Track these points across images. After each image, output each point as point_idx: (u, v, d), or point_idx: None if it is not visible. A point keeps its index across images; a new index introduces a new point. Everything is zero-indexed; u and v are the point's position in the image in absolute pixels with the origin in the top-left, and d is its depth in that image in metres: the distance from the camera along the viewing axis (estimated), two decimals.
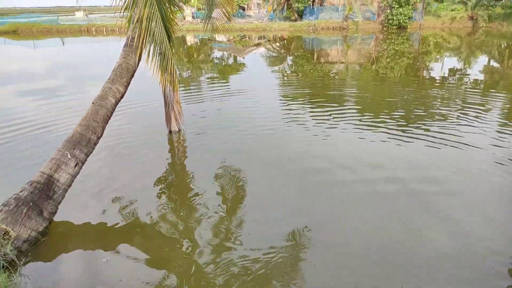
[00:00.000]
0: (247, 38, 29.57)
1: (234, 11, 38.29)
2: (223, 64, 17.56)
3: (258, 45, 25.64)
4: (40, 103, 9.50)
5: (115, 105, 4.93)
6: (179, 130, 6.95)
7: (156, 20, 4.74)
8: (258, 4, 41.94)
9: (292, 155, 6.07)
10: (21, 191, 3.81)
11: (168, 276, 3.38)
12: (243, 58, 19.65)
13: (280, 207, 4.56)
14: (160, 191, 5.05)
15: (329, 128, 7.35)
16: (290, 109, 8.85)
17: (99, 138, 4.58)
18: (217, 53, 22.22)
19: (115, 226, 4.17)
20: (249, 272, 3.39)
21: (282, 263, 3.50)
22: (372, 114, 8.09)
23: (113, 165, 5.82)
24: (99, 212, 4.44)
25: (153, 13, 4.67)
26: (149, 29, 4.72)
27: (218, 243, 3.83)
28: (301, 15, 34.87)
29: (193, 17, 36.38)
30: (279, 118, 8.02)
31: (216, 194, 4.88)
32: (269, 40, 28.02)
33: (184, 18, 37.95)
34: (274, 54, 20.94)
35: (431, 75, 13.15)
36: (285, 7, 36.56)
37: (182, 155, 6.35)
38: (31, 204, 3.70)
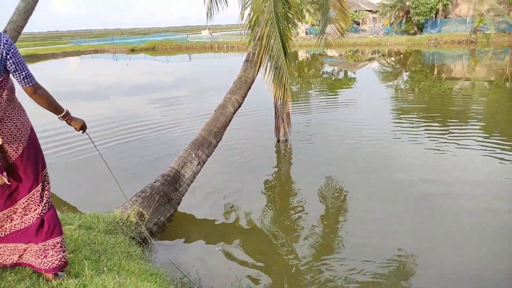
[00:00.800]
0: (360, 53, 28.97)
1: (349, 26, 37.89)
2: (333, 78, 17.59)
3: (371, 60, 24.92)
4: (165, 109, 11.00)
5: (233, 114, 5.48)
6: (287, 140, 7.29)
7: (275, 38, 5.14)
8: (373, 18, 40.73)
9: (399, 170, 5.86)
10: (155, 182, 4.54)
11: (269, 273, 3.64)
12: (354, 73, 19.34)
13: (384, 223, 4.45)
14: (266, 196, 5.42)
15: (444, 143, 6.87)
16: (401, 123, 8.52)
17: (218, 142, 5.17)
18: (327, 68, 22.32)
19: (226, 222, 4.63)
20: (350, 281, 3.43)
21: (383, 283, 3.44)
22: (504, 136, 7.25)
23: (226, 167, 6.42)
24: (212, 208, 4.99)
25: (273, 31, 5.09)
26: (268, 46, 5.16)
27: (317, 251, 3.95)
28: (421, 28, 32.71)
29: (306, 33, 37.21)
30: (389, 131, 7.81)
31: (318, 204, 5.01)
32: (383, 55, 26.99)
33: (298, 34, 39.04)
34: (388, 69, 20.12)
35: None
36: (404, 21, 34.72)
37: (288, 163, 6.67)
38: (161, 193, 4.38)
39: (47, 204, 2.34)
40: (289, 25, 5.82)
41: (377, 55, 27.22)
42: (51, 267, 2.32)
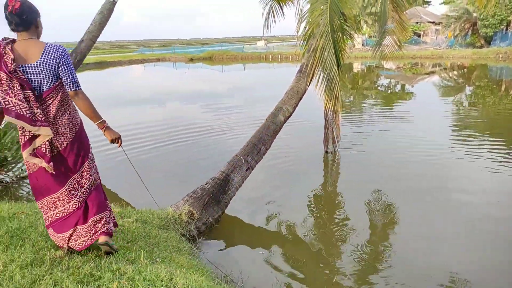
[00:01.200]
0: (419, 66, 27.81)
1: (407, 38, 36.61)
2: (389, 91, 17.08)
3: (431, 73, 23.82)
4: (218, 114, 11.41)
5: (284, 123, 5.62)
6: (335, 151, 7.27)
7: (329, 50, 5.22)
8: (436, 30, 38.92)
9: (454, 189, 5.61)
10: (206, 184, 4.78)
11: (309, 283, 3.67)
12: (413, 86, 18.63)
13: (435, 244, 4.29)
14: (310, 206, 5.46)
15: (507, 163, 6.45)
16: (460, 140, 8.16)
17: (267, 149, 5.32)
18: (383, 81, 21.72)
19: (270, 229, 4.74)
20: None
21: None
22: None
23: (273, 174, 6.55)
24: (257, 213, 5.13)
25: (327, 43, 5.18)
26: (321, 57, 5.25)
27: (360, 266, 3.90)
28: (489, 41, 30.68)
29: (363, 44, 36.50)
30: (446, 147, 7.50)
31: (364, 219, 4.94)
32: (445, 68, 25.68)
33: (354, 46, 38.43)
34: (449, 84, 19.12)
35: None
36: (469, 33, 32.81)
37: (335, 175, 6.65)
38: (211, 195, 4.61)
39: (87, 190, 2.67)
40: (344, 37, 5.86)
41: (438, 68, 25.95)
42: (99, 233, 2.68)
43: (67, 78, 2.48)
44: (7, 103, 2.33)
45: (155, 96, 16.69)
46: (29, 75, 2.40)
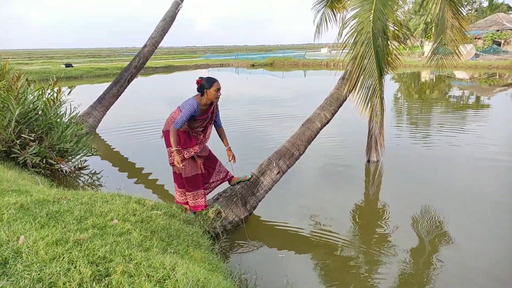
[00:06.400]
0: (497, 77, 25.46)
1: (475, 46, 33.69)
2: (461, 103, 15.88)
3: (510, 85, 21.70)
4: (270, 121, 11.54)
5: (320, 129, 5.57)
6: (377, 161, 6.99)
7: (370, 58, 5.09)
8: None
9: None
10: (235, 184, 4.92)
11: None
12: (489, 98, 17.16)
13: (487, 265, 3.95)
14: (351, 215, 5.33)
15: None
16: None
17: (300, 154, 5.32)
18: (455, 92, 20.27)
19: (298, 237, 4.70)
20: None
21: None
22: None
23: (310, 180, 6.49)
24: (289, 217, 5.14)
25: (367, 51, 5.05)
26: (361, 65, 5.13)
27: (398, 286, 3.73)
28: None
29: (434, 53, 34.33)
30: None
31: (408, 233, 4.67)
32: None
33: (423, 54, 36.40)
34: None
35: None
36: None
37: (377, 185, 6.40)
38: (240, 195, 4.73)
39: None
40: (388, 45, 5.64)
41: None
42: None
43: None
44: None
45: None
46: None
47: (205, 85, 4.04)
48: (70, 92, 7.17)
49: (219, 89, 4.10)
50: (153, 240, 3.19)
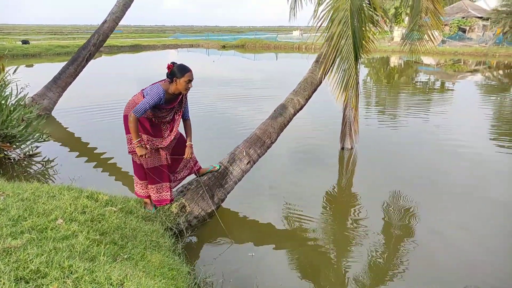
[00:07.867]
0: (462, 63, 26.13)
1: (442, 33, 34.44)
2: (427, 88, 16.06)
3: (474, 71, 22.28)
4: (240, 104, 11.09)
5: (293, 115, 5.23)
6: (351, 148, 6.79)
7: (347, 38, 4.75)
8: (484, 26, 36.39)
9: (486, 189, 5.21)
10: (202, 175, 4.51)
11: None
12: (453, 84, 17.51)
13: (464, 252, 3.85)
14: (321, 204, 5.09)
15: None
16: (496, 139, 7.51)
17: (272, 142, 4.96)
18: (422, 77, 20.56)
19: (271, 229, 4.40)
20: None
21: None
22: None
23: (283, 169, 6.18)
24: (260, 209, 4.82)
25: (345, 31, 4.71)
26: (337, 46, 4.79)
27: (373, 272, 3.54)
28: None
29: (403, 38, 34.78)
30: (479, 148, 7.02)
31: (380, 220, 4.58)
32: (489, 67, 23.96)
33: (393, 39, 36.78)
34: (492, 83, 17.77)
35: None
36: None
37: (351, 173, 6.22)
38: (206, 188, 4.33)
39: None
40: (367, 26, 5.32)
41: (482, 66, 24.24)
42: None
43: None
44: None
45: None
46: None
47: (177, 73, 3.52)
48: (15, 71, 6.40)
49: (190, 80, 3.56)
50: (101, 246, 2.75)
